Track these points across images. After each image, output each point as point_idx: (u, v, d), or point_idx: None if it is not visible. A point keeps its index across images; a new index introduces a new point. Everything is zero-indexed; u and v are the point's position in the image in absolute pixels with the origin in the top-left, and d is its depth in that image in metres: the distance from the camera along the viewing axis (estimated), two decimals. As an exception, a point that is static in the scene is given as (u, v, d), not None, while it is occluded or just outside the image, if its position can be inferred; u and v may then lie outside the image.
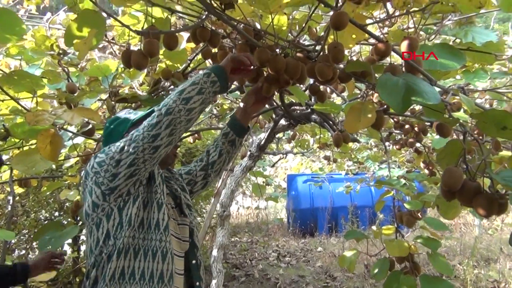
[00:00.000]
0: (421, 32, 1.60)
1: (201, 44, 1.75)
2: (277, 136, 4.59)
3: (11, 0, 3.76)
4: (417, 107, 2.32)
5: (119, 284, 1.33)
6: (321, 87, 1.66)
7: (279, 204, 10.42)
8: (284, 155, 6.91)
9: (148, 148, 1.32)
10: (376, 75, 1.27)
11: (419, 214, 1.95)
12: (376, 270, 1.90)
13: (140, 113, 1.61)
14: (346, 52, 1.39)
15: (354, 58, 1.70)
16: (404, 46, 1.10)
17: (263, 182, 5.24)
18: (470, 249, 6.51)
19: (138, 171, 1.36)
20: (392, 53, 1.24)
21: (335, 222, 8.36)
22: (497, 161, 1.28)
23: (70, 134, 1.85)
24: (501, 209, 1.00)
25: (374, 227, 2.00)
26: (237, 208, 10.24)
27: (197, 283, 1.56)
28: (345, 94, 2.48)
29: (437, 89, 1.10)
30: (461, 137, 1.13)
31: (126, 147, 1.33)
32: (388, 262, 1.89)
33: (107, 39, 2.15)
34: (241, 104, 1.71)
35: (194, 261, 1.57)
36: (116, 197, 1.38)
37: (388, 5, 1.44)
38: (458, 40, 1.51)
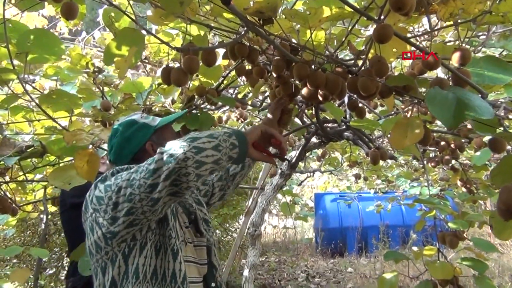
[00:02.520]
0: (464, 45, 1.55)
1: (233, 62, 1.75)
2: (305, 154, 4.52)
3: (46, 25, 3.88)
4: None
5: None
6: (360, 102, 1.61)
7: (306, 223, 10.27)
8: (311, 174, 6.81)
9: (145, 199, 1.10)
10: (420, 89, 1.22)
11: (464, 235, 1.86)
12: (418, 294, 1.81)
13: (159, 119, 1.47)
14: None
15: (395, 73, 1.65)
16: (456, 57, 1.05)
17: (291, 201, 5.16)
18: (509, 271, 6.23)
19: (139, 221, 1.16)
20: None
21: (365, 242, 8.15)
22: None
23: (105, 152, 1.85)
24: None
25: (414, 248, 1.91)
26: (264, 227, 10.13)
27: None
28: (377, 110, 2.42)
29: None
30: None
31: (123, 190, 1.13)
32: (431, 285, 1.79)
33: (140, 58, 2.17)
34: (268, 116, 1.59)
35: (213, 284, 1.40)
36: (119, 242, 1.19)
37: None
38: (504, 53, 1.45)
